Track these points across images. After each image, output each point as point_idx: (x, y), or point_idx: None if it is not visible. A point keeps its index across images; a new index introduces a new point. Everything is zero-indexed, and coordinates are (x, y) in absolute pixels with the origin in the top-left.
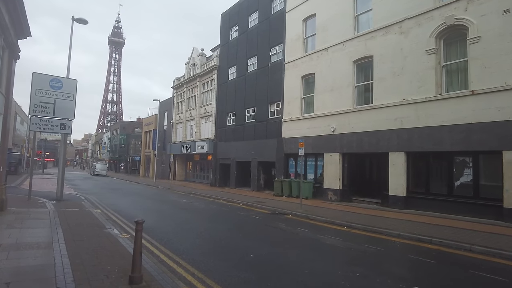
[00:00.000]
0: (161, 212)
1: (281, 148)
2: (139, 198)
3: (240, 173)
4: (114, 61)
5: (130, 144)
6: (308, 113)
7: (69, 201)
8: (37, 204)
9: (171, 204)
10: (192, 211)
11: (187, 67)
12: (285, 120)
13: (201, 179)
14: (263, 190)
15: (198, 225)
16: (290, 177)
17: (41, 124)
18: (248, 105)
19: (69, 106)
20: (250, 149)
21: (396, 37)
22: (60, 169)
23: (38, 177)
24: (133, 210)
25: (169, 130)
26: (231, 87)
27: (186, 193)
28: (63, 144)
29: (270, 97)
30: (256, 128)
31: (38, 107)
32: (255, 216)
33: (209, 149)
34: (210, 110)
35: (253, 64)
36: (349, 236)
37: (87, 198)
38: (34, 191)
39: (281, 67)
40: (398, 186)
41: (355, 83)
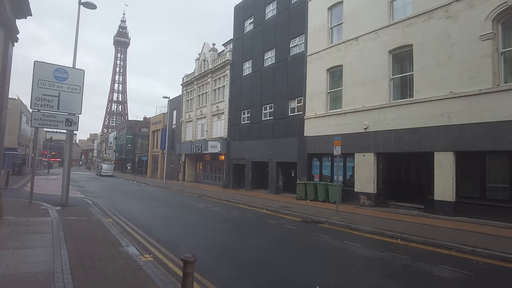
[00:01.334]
0: (180, 220)
1: (303, 147)
2: (152, 202)
3: (256, 174)
4: (119, 61)
5: (137, 143)
6: (335, 109)
7: (76, 206)
8: (39, 211)
9: (189, 210)
10: (216, 220)
11: (197, 63)
12: (307, 117)
13: (212, 180)
14: (282, 192)
15: (230, 240)
16: (314, 179)
17: (44, 120)
18: (265, 101)
19: (76, 99)
20: (267, 148)
21: (441, 23)
22: (66, 171)
23: (43, 177)
24: (149, 218)
25: (178, 129)
26: (246, 83)
27: (200, 196)
28: (68, 142)
29: (290, 93)
30: (274, 126)
31: (41, 101)
32: (288, 225)
33: (222, 148)
34: (223, 108)
35: (270, 57)
36: (413, 253)
37: (95, 203)
38: (37, 194)
39: (303, 60)
40: (446, 190)
41: (391, 75)
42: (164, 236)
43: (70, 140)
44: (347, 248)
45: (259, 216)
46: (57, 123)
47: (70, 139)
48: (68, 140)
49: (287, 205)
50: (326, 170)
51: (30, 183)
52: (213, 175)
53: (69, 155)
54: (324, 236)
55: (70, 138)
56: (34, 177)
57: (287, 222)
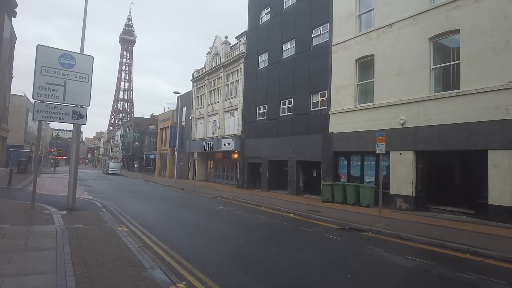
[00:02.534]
0: (204, 228)
1: (328, 145)
2: (166, 204)
3: (273, 174)
4: (125, 59)
5: (144, 141)
6: (366, 103)
7: (83, 210)
8: (42, 217)
9: (209, 214)
10: (244, 227)
11: (209, 57)
12: (333, 112)
13: (224, 180)
14: (302, 194)
15: (274, 256)
16: (341, 179)
17: (48, 112)
18: (283, 96)
19: (84, 89)
20: (286, 146)
21: (496, 3)
22: (72, 170)
23: (49, 176)
24: (168, 225)
25: (188, 126)
26: (262, 77)
27: (216, 197)
28: (75, 138)
29: (312, 86)
30: (294, 122)
31: (44, 90)
32: (327, 234)
33: (236, 146)
34: (236, 104)
35: (289, 49)
36: (502, 274)
37: (104, 206)
38: (41, 195)
39: (327, 50)
40: (504, 193)
41: (432, 64)
42: (192, 251)
43: (77, 136)
44: (418, 267)
45: (289, 222)
46: (63, 116)
47: (77, 134)
48: (75, 135)
49: (315, 209)
50: (355, 170)
51: (33, 183)
52: (225, 174)
53: (76, 152)
54: (379, 249)
55: (77, 133)
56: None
57: (325, 230)
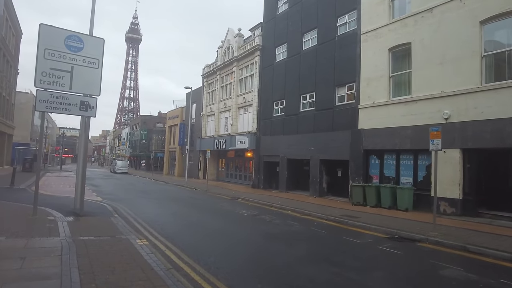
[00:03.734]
0: (236, 239)
1: (357, 142)
2: (183, 206)
3: (292, 174)
4: (131, 58)
5: (152, 139)
6: (401, 96)
7: (93, 216)
8: (44, 226)
9: (234, 220)
10: (284, 239)
11: (220, 51)
12: (363, 107)
13: (237, 179)
14: (326, 195)
15: (339, 283)
16: (372, 180)
17: (52, 102)
18: (304, 90)
19: (93, 76)
20: (307, 144)
21: None
22: (80, 169)
23: (55, 175)
24: (193, 235)
25: (198, 123)
26: (279, 70)
27: (234, 198)
28: (83, 132)
29: (337, 78)
30: (317, 118)
31: (48, 77)
32: (380, 246)
33: (251, 144)
34: (251, 99)
35: (310, 39)
36: None
37: (115, 209)
38: (46, 196)
39: (355, 39)
40: None
41: (482, 51)
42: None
43: (85, 130)
44: None
45: (329, 231)
46: (69, 107)
47: (85, 129)
48: (83, 130)
49: (349, 213)
50: (389, 170)
51: (35, 185)
52: (237, 173)
53: (84, 149)
54: (457, 268)
55: (86, 127)
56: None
57: (375, 240)
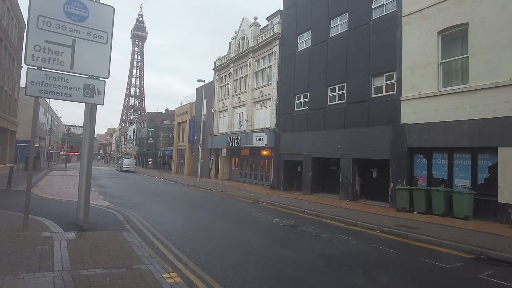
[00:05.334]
0: (294, 265)
1: (400, 139)
2: (206, 214)
3: (317, 174)
4: (136, 55)
5: (159, 137)
6: (454, 85)
7: (100, 230)
8: (34, 251)
9: (276, 235)
10: (347, 263)
11: (234, 42)
12: (406, 98)
13: (252, 179)
14: (359, 199)
15: None
16: (418, 182)
17: (48, 85)
18: (332, 80)
19: (101, 53)
20: (337, 141)
21: None
22: (84, 170)
23: (59, 173)
24: (234, 262)
25: (209, 120)
26: (302, 60)
27: (256, 202)
28: (88, 125)
29: (373, 67)
30: (348, 112)
31: (43, 52)
32: (482, 275)
33: (269, 141)
34: (269, 93)
35: (339, 25)
36: None
37: (127, 219)
38: (45, 201)
39: (394, 23)
40: None
41: None
42: None
43: (90, 121)
44: None
45: (396, 249)
46: (70, 92)
47: (91, 119)
48: (87, 120)
49: (402, 223)
50: (440, 171)
51: (26, 192)
52: (252, 173)
53: (89, 144)
54: None
55: (91, 118)
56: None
57: (465, 264)
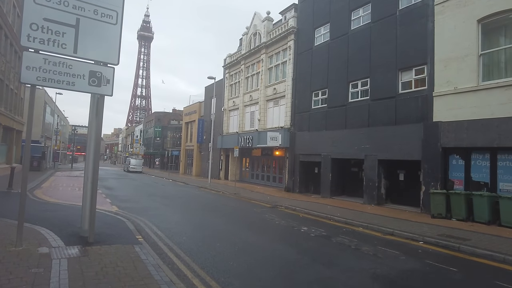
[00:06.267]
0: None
1: (433, 138)
2: (226, 223)
3: (338, 176)
4: (143, 56)
5: (166, 137)
6: (498, 79)
7: (108, 244)
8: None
9: (314, 250)
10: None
11: (245, 38)
12: (439, 94)
13: (264, 180)
14: (384, 203)
15: None
16: (454, 185)
17: (47, 71)
18: (354, 76)
19: (109, 35)
20: (360, 141)
21: None
22: (90, 173)
23: (65, 174)
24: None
25: (219, 119)
26: (320, 54)
27: (274, 206)
28: (94, 118)
29: (400, 61)
30: (373, 109)
31: (41, 32)
32: None
33: (284, 141)
34: (283, 90)
35: (361, 16)
36: None
37: (139, 228)
38: (47, 205)
39: (425, 12)
40: None
41: None
42: None
43: (97, 115)
44: None
45: (457, 266)
46: (74, 80)
47: (97, 113)
48: (94, 114)
49: (446, 232)
50: (480, 174)
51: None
52: (264, 174)
53: (95, 142)
54: None
55: (98, 111)
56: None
57: None
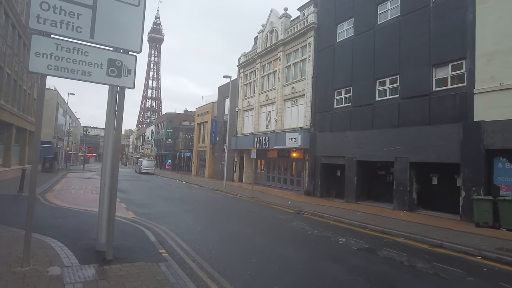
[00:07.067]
0: None
1: (474, 139)
2: (251, 230)
3: (363, 180)
4: (153, 58)
5: (178, 138)
6: None
7: (129, 260)
8: None
9: (358, 266)
10: None
11: (261, 36)
12: (481, 91)
13: (280, 183)
14: (416, 209)
15: None
16: (500, 191)
17: (60, 59)
18: (382, 73)
19: (131, 19)
20: (389, 142)
21: None
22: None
23: (77, 175)
24: None
25: (233, 119)
26: (343, 51)
27: (298, 212)
28: (112, 116)
29: (435, 56)
30: (403, 108)
31: (52, 12)
32: None
33: (304, 142)
34: (302, 89)
35: (389, 10)
36: None
37: (160, 238)
38: (59, 211)
39: (464, 3)
40: None
41: None
42: None
43: (117, 112)
44: None
45: None
46: (90, 69)
47: (117, 109)
48: (112, 111)
49: (503, 245)
50: None
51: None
52: (281, 177)
53: (114, 145)
54: None
55: (119, 107)
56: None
57: None
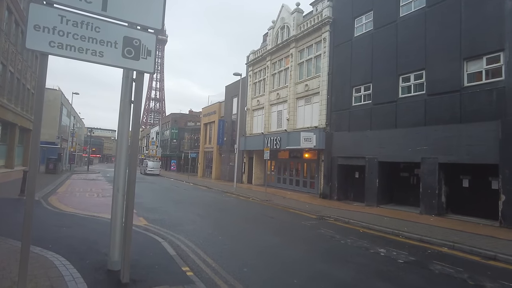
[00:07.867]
0: None
1: None
2: (278, 241)
3: (385, 182)
4: (157, 59)
5: (183, 138)
6: None
7: (149, 284)
8: None
9: (415, 286)
10: None
11: (271, 33)
12: None
13: (292, 185)
14: (445, 213)
15: None
16: None
17: (65, 34)
18: (405, 68)
19: None
20: (414, 142)
21: None
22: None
23: (81, 177)
24: None
25: (241, 119)
26: (362, 46)
27: (320, 217)
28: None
29: (466, 48)
30: (430, 106)
31: None
32: None
33: (319, 142)
34: (317, 86)
35: (412, 2)
36: None
37: (181, 252)
38: (63, 217)
39: None
40: None
41: None
42: None
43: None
44: None
45: None
46: (102, 48)
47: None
48: (127, 101)
49: None
50: None
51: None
52: (293, 178)
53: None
54: None
55: (137, 95)
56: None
57: None
